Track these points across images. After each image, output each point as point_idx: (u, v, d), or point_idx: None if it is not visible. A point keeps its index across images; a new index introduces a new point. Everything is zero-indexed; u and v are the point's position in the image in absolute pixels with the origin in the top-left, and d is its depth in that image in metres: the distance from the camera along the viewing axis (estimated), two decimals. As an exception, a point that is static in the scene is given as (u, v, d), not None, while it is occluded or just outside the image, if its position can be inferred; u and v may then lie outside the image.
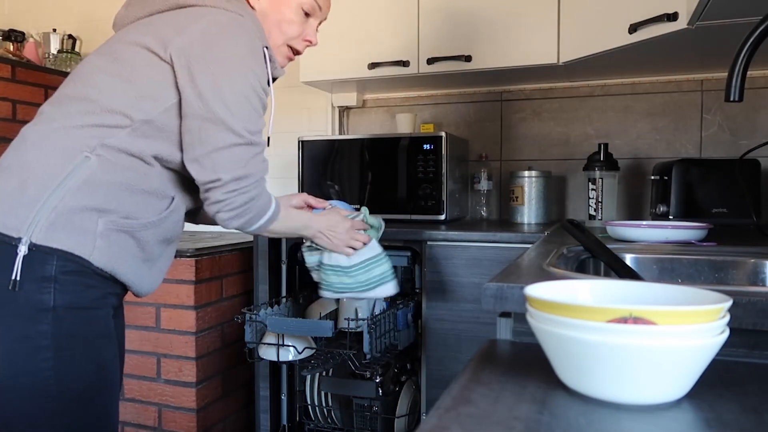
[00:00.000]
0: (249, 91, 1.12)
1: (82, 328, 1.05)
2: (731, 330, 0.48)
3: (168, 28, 1.11)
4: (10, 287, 0.99)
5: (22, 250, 1.00)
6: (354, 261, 1.46)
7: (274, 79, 1.23)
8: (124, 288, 1.14)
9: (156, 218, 1.13)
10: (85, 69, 1.13)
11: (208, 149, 1.10)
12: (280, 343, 1.74)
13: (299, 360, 1.78)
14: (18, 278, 0.99)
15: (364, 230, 1.47)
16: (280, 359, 1.75)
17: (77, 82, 1.12)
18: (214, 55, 1.09)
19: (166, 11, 1.16)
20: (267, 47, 1.19)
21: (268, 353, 1.76)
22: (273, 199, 1.23)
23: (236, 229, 1.19)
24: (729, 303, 0.48)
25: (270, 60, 1.19)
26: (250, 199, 1.15)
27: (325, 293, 1.53)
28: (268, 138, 1.29)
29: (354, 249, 1.45)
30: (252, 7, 1.24)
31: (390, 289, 1.52)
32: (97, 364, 1.08)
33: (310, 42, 1.32)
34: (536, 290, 0.53)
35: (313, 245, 1.49)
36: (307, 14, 1.30)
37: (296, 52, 1.33)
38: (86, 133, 1.07)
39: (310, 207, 1.51)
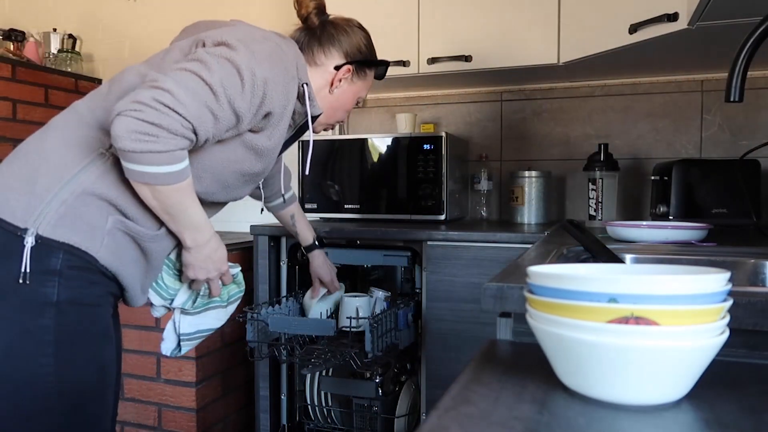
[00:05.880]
0: (247, 75, 1.01)
1: (84, 325, 1.03)
2: (731, 330, 0.48)
3: (207, 32, 1.09)
4: (20, 280, 0.96)
5: (29, 241, 0.97)
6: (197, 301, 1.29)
7: (313, 119, 1.21)
8: (121, 291, 1.11)
9: (162, 231, 1.11)
10: (126, 72, 1.12)
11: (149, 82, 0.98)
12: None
13: (298, 361, 1.78)
14: (28, 270, 0.96)
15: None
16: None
17: (113, 82, 1.11)
18: (231, 44, 1.03)
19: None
20: (307, 84, 1.16)
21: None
22: (186, 162, 1.01)
23: (128, 150, 0.94)
24: (729, 302, 0.48)
25: (309, 98, 1.17)
26: (167, 125, 0.93)
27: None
28: (308, 169, 1.36)
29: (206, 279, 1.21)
30: (331, 84, 1.27)
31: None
32: (97, 365, 1.06)
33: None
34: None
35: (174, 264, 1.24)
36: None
37: (332, 127, 1.41)
38: (107, 131, 1.03)
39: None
